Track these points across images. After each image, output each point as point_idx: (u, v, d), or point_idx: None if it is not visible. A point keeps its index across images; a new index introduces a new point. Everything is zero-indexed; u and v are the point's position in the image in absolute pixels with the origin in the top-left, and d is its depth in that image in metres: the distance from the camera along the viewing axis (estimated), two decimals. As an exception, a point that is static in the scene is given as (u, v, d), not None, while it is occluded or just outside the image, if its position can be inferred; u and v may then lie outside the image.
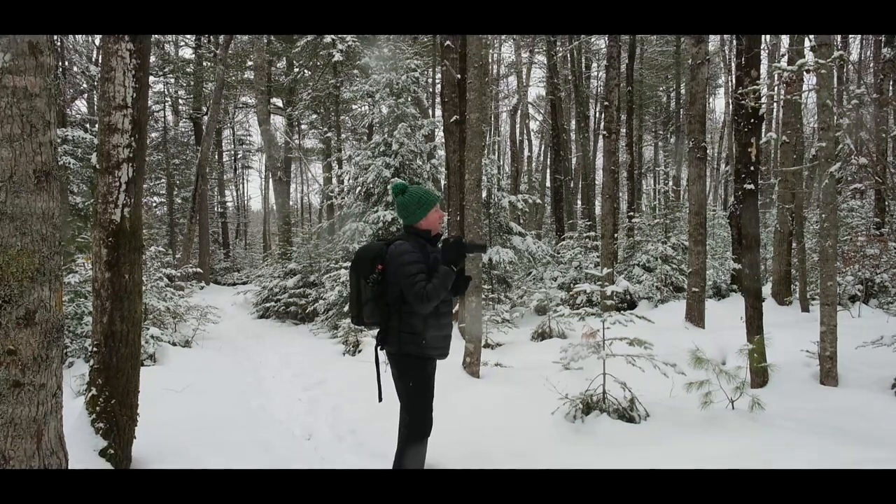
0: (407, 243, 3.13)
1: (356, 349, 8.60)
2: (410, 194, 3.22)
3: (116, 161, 3.47)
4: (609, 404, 4.46)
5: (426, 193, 3.25)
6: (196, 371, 6.71)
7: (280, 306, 13.24)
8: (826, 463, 3.29)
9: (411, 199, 3.21)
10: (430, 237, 3.25)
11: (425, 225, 3.24)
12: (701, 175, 9.62)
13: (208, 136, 20.53)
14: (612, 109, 12.71)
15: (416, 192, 3.23)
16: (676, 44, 23.05)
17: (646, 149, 32.66)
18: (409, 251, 3.08)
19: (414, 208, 3.21)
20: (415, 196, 3.22)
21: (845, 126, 6.07)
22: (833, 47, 5.65)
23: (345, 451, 4.52)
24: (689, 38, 10.27)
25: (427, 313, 3.08)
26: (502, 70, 28.46)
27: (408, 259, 3.04)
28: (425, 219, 3.23)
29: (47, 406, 2.12)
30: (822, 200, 5.83)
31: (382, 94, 12.57)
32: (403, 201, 3.23)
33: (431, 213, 3.23)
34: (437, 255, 3.17)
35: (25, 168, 2.04)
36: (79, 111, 19.44)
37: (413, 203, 3.21)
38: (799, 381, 5.81)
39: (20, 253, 2.03)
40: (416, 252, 3.09)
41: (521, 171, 26.30)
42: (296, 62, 21.38)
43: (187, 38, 24.86)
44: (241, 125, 33.48)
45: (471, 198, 6.63)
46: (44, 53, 2.10)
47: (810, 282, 11.91)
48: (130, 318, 3.58)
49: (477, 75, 6.64)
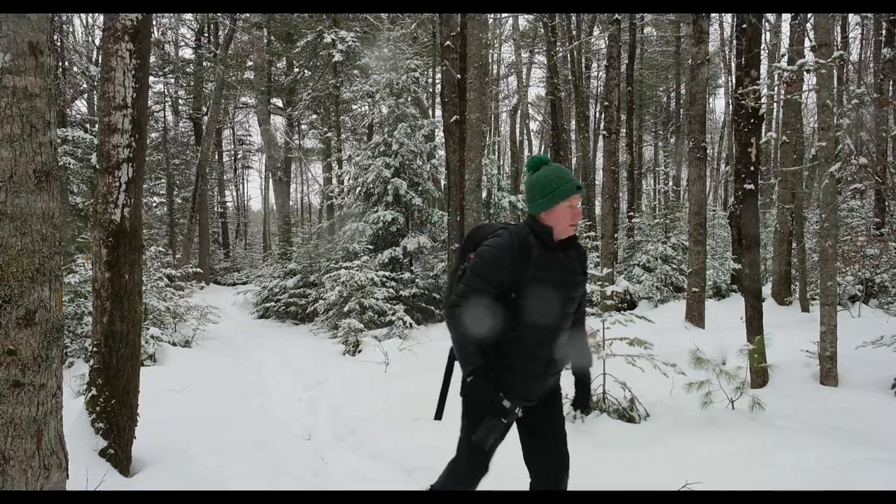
0: (506, 240, 2.27)
1: (356, 349, 8.60)
2: (541, 175, 2.35)
3: (116, 161, 3.47)
4: (609, 404, 4.46)
5: (559, 178, 2.32)
6: (196, 371, 6.70)
7: (280, 306, 13.24)
8: (826, 463, 3.29)
9: (538, 181, 2.34)
10: (551, 238, 2.32)
11: (547, 219, 2.33)
12: (701, 175, 9.62)
13: (208, 136, 20.53)
14: (612, 109, 12.72)
15: (547, 174, 2.34)
16: (676, 44, 23.05)
17: (646, 149, 32.65)
18: (493, 255, 2.25)
19: (536, 193, 2.33)
20: (543, 178, 2.33)
21: (845, 126, 6.07)
22: (833, 47, 5.65)
23: (345, 451, 4.52)
24: (689, 38, 10.27)
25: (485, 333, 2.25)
26: (502, 70, 28.45)
27: (480, 264, 2.26)
28: (550, 212, 2.32)
29: (47, 406, 2.12)
30: (822, 200, 5.83)
31: (382, 95, 12.58)
32: (530, 181, 2.39)
33: (560, 207, 2.31)
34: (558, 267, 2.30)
35: (25, 168, 2.04)
36: (79, 111, 19.44)
37: (538, 186, 2.33)
38: (799, 381, 5.81)
39: (20, 253, 2.03)
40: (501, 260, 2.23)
41: (521, 171, 26.30)
42: (296, 62, 21.37)
43: (187, 38, 24.91)
44: (241, 125, 33.49)
45: (471, 198, 6.63)
46: (44, 53, 2.10)
47: (810, 282, 11.91)
48: (130, 318, 3.58)
49: (477, 75, 6.64)
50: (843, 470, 3.14)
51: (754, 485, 3.04)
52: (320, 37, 17.22)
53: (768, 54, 14.47)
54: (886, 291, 10.99)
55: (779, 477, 3.17)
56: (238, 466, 3.88)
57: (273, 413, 5.63)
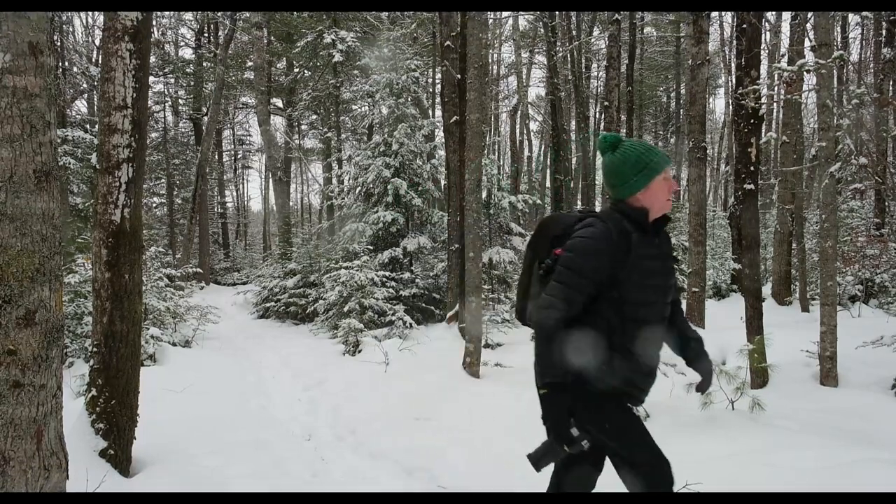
0: (601, 229, 2.03)
1: (356, 349, 8.60)
2: (625, 152, 2.11)
3: (116, 161, 3.47)
4: (609, 404, 4.46)
5: (649, 151, 2.11)
6: (196, 371, 6.70)
7: (280, 306, 13.24)
8: (826, 463, 3.29)
9: (625, 160, 2.10)
10: (647, 221, 2.10)
11: (644, 200, 2.09)
12: (701, 175, 9.62)
13: (208, 136, 20.54)
14: (612, 109, 12.72)
15: (633, 150, 2.11)
16: (676, 44, 23.06)
17: (646, 149, 32.64)
18: (590, 247, 2.01)
19: (628, 174, 2.09)
20: (631, 155, 2.10)
21: (845, 126, 6.07)
22: (833, 47, 5.65)
23: (345, 451, 4.52)
24: (689, 39, 10.27)
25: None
26: (502, 70, 28.45)
27: (575, 259, 2.01)
28: (646, 190, 2.08)
29: (47, 406, 2.12)
30: (822, 201, 5.83)
31: (382, 95, 12.58)
32: (613, 161, 2.13)
33: (656, 183, 2.08)
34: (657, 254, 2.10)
35: (25, 168, 2.04)
36: (79, 111, 19.46)
37: (628, 166, 2.09)
38: (799, 381, 5.81)
39: (20, 253, 2.03)
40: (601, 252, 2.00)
41: (521, 171, 26.30)
42: (296, 62, 21.38)
43: (187, 38, 24.91)
44: (241, 125, 33.47)
45: (471, 198, 6.63)
46: (44, 54, 2.10)
47: (810, 282, 11.91)
48: (130, 319, 3.58)
49: (477, 75, 6.64)
50: (843, 470, 3.14)
51: (754, 485, 3.04)
52: (320, 37, 17.22)
53: (768, 54, 14.47)
54: (886, 291, 10.99)
55: (779, 477, 3.17)
56: (238, 466, 3.88)
57: (273, 413, 5.63)
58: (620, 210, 2.10)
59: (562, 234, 2.13)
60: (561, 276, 2.02)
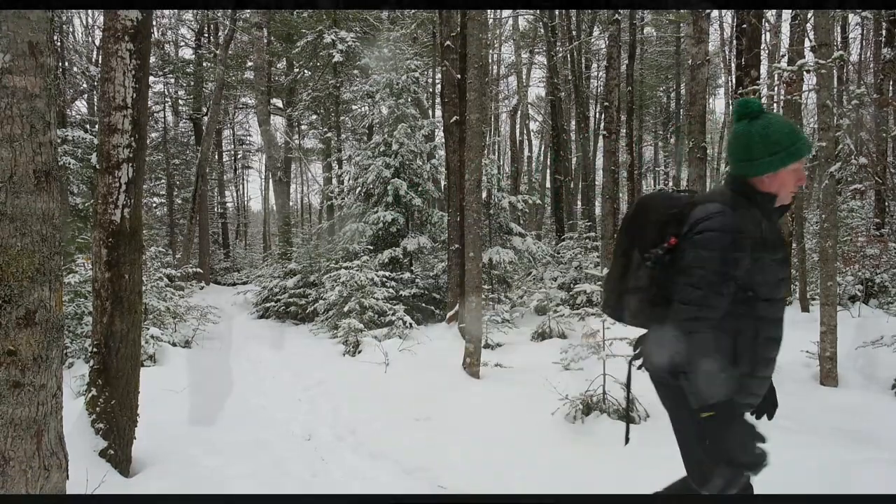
0: (731, 216, 1.78)
1: (356, 349, 8.60)
2: (767, 126, 1.85)
3: (116, 161, 3.47)
4: (609, 405, 4.46)
5: (792, 133, 1.85)
6: (196, 371, 6.71)
7: (280, 306, 13.24)
8: (826, 463, 3.29)
9: (765, 136, 1.84)
10: (775, 208, 1.91)
11: (770, 185, 1.87)
12: (701, 175, 9.61)
13: (208, 136, 20.53)
14: (612, 110, 12.72)
15: (774, 126, 1.85)
16: (676, 44, 23.05)
17: (646, 149, 32.66)
18: (727, 242, 1.76)
19: (760, 150, 1.84)
20: (772, 130, 1.84)
21: (845, 126, 6.08)
22: (833, 47, 5.65)
23: (345, 451, 4.52)
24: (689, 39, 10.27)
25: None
26: (502, 70, 28.44)
27: (713, 258, 1.76)
28: (775, 175, 1.86)
29: (47, 407, 2.12)
30: (822, 201, 5.83)
31: (382, 95, 12.58)
32: (749, 133, 1.87)
33: (788, 171, 1.86)
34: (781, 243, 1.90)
35: (25, 168, 2.04)
36: (79, 111, 19.47)
37: (763, 141, 1.84)
38: (799, 381, 5.81)
39: (20, 253, 2.03)
40: (739, 246, 1.77)
41: (521, 171, 26.30)
42: (296, 63, 21.38)
43: (187, 38, 24.90)
44: (241, 125, 33.48)
45: (471, 198, 6.63)
46: (44, 54, 2.10)
47: (810, 282, 11.91)
48: (130, 319, 3.58)
49: (477, 75, 6.64)
50: (843, 470, 3.14)
51: (754, 485, 3.04)
52: (320, 37, 17.23)
53: (768, 54, 14.47)
54: (886, 291, 10.98)
55: (778, 477, 3.16)
56: (238, 466, 3.88)
57: (273, 413, 5.63)
58: (745, 192, 1.86)
59: (670, 220, 1.88)
60: (699, 280, 1.77)
